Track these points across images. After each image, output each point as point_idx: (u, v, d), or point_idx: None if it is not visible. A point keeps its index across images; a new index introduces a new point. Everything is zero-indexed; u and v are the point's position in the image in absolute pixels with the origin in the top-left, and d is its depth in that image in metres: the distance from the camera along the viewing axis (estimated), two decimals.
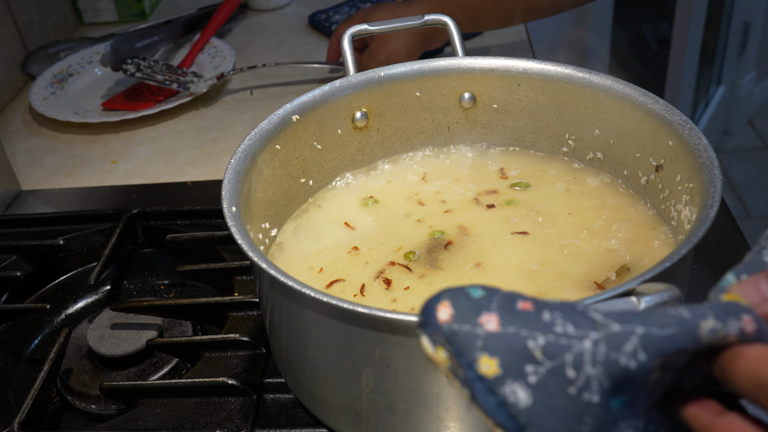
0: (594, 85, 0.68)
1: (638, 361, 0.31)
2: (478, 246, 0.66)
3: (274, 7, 1.45)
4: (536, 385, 0.31)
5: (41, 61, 1.26)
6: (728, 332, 0.31)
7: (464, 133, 0.78)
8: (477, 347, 0.31)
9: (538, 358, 0.31)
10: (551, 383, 0.31)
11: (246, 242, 0.53)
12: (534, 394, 0.31)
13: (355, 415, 0.55)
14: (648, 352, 0.31)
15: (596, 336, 0.31)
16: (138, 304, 0.72)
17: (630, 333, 0.31)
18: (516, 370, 0.31)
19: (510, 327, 0.32)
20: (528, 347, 0.31)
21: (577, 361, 0.31)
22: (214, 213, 0.84)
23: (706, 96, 2.66)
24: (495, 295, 0.33)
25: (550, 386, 0.31)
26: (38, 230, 0.86)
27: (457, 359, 0.31)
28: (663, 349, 0.31)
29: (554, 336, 0.31)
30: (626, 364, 0.31)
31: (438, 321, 0.32)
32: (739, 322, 0.31)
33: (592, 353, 0.31)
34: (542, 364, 0.31)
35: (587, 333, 0.32)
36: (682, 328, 0.31)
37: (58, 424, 0.68)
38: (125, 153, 1.04)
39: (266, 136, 0.66)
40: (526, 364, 0.31)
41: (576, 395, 0.31)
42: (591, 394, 0.31)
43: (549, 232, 0.66)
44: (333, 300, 0.47)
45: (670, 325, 0.31)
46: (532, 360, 0.31)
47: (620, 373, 0.31)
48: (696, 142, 0.58)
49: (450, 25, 0.75)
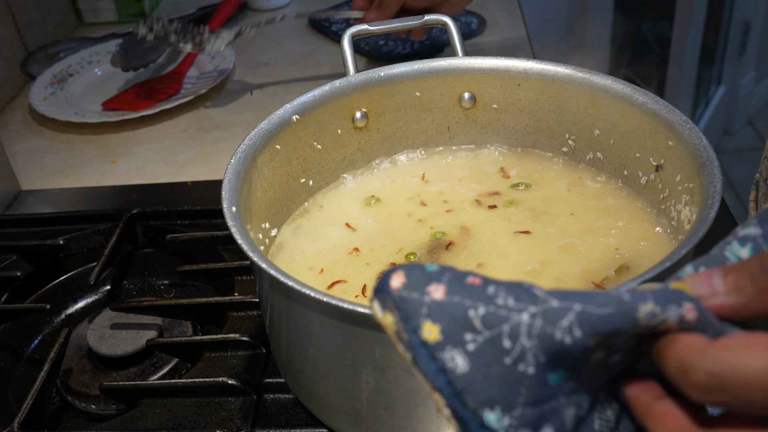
0: (594, 85, 0.68)
1: (573, 337, 0.32)
2: (479, 246, 0.66)
3: (274, 7, 1.45)
4: (474, 353, 0.32)
5: (41, 61, 1.26)
6: (667, 317, 0.32)
7: (464, 133, 0.78)
8: (422, 314, 0.33)
9: (477, 327, 0.32)
10: (488, 352, 0.32)
11: (246, 242, 0.53)
12: (471, 362, 0.32)
13: (355, 415, 0.55)
14: (583, 329, 0.32)
15: (534, 310, 0.32)
16: (138, 304, 0.72)
17: (567, 309, 0.32)
18: (456, 338, 0.32)
19: (455, 297, 0.33)
20: (468, 316, 0.33)
21: (513, 333, 0.32)
22: (214, 213, 0.84)
23: (706, 96, 2.66)
24: (448, 270, 0.34)
25: (486, 355, 0.32)
26: (38, 230, 0.86)
27: (404, 324, 0.33)
28: (599, 327, 0.32)
29: (495, 307, 0.33)
30: (561, 338, 0.32)
31: (390, 288, 0.33)
32: (680, 309, 0.32)
33: (528, 326, 0.32)
34: (480, 333, 0.32)
35: (526, 306, 0.32)
36: (619, 309, 0.32)
37: (58, 424, 0.68)
38: (125, 153, 1.04)
39: (266, 136, 0.66)
40: (465, 332, 0.32)
41: (511, 365, 0.32)
42: (526, 366, 0.32)
43: (550, 231, 0.66)
44: (333, 300, 0.47)
45: (608, 305, 0.32)
46: (472, 329, 0.32)
47: (555, 347, 0.32)
48: (696, 142, 0.58)
49: (450, 25, 0.75)
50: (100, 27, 1.43)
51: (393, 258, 0.65)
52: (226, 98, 1.16)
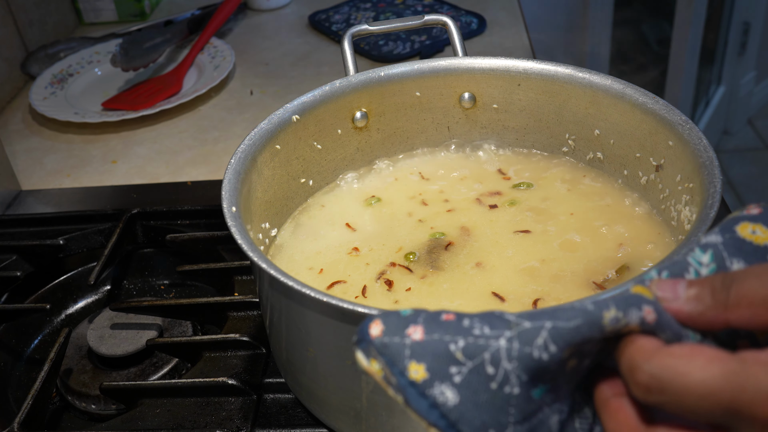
0: (594, 85, 0.68)
1: (549, 352, 0.34)
2: (479, 245, 0.66)
3: (274, 7, 1.45)
4: (461, 384, 0.34)
5: (41, 61, 1.26)
6: (629, 321, 0.34)
7: (464, 133, 0.78)
8: (405, 356, 0.34)
9: (460, 359, 0.34)
10: (474, 381, 0.34)
11: (246, 242, 0.53)
12: (460, 392, 0.34)
13: (355, 415, 0.55)
14: (557, 344, 0.34)
15: (510, 334, 0.34)
16: (138, 304, 0.72)
17: (540, 328, 0.34)
18: (442, 372, 0.34)
19: (434, 335, 0.34)
20: (450, 350, 0.34)
21: (494, 359, 0.34)
22: (214, 213, 0.84)
23: (706, 96, 2.66)
24: (422, 312, 0.36)
25: (473, 384, 0.34)
26: (38, 230, 0.86)
27: (390, 368, 0.34)
28: (570, 339, 0.34)
29: (473, 338, 0.34)
30: (539, 356, 0.34)
31: (370, 336, 0.35)
32: (640, 312, 0.34)
33: (507, 350, 0.34)
34: (464, 365, 0.34)
35: (502, 332, 0.34)
36: (586, 320, 0.34)
37: (58, 424, 0.68)
38: (125, 153, 1.04)
39: (266, 136, 0.66)
40: (450, 365, 0.34)
41: (497, 389, 0.34)
42: (511, 387, 0.34)
43: (550, 231, 0.67)
44: (333, 300, 0.47)
45: (576, 318, 0.34)
46: (455, 361, 0.34)
47: (535, 365, 0.34)
48: (696, 142, 0.58)
49: (450, 25, 0.75)
50: (100, 27, 1.43)
51: (393, 258, 0.65)
52: (226, 98, 1.16)
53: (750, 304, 0.34)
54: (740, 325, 0.34)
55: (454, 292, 0.61)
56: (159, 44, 1.22)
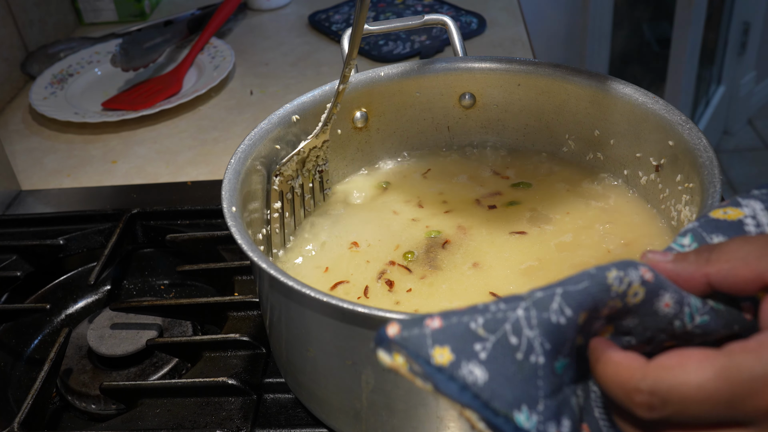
0: (594, 85, 0.68)
1: (566, 316, 0.35)
2: (476, 245, 0.66)
3: (274, 7, 1.45)
4: (487, 359, 0.34)
5: (41, 61, 1.26)
6: (631, 279, 0.36)
7: (464, 133, 0.78)
8: (428, 344, 0.34)
9: (482, 335, 0.34)
10: (500, 354, 0.34)
11: (246, 242, 0.53)
12: (488, 368, 0.34)
13: (355, 415, 0.55)
14: (571, 306, 0.35)
15: (525, 304, 0.35)
16: (138, 304, 0.72)
17: (552, 294, 0.35)
18: (467, 351, 0.34)
19: (452, 318, 0.35)
20: (471, 328, 0.34)
21: (516, 328, 0.34)
22: (214, 213, 0.84)
23: (706, 96, 2.66)
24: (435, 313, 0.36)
25: (499, 357, 0.34)
26: (38, 230, 0.86)
27: (414, 359, 0.34)
28: (582, 300, 0.35)
29: (491, 314, 0.35)
30: (557, 320, 0.35)
31: (389, 336, 0.35)
32: (638, 271, 0.36)
33: (526, 318, 0.35)
34: (487, 340, 0.34)
35: (518, 303, 0.35)
36: (593, 281, 0.35)
37: (58, 424, 0.68)
38: (125, 153, 1.04)
39: (266, 136, 0.66)
40: (474, 342, 0.34)
41: (524, 359, 0.34)
42: (536, 356, 0.34)
43: (549, 231, 0.67)
44: (333, 300, 0.47)
45: (583, 280, 0.35)
46: (478, 338, 0.34)
47: (554, 330, 0.35)
48: (696, 142, 0.58)
49: (450, 25, 0.75)
50: (100, 27, 1.43)
51: (392, 256, 0.65)
52: (226, 98, 1.16)
53: (728, 260, 0.36)
54: (719, 279, 0.36)
55: (454, 293, 0.61)
56: (159, 44, 1.23)
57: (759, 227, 0.39)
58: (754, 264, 0.35)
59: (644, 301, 0.36)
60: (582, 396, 0.37)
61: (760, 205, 0.40)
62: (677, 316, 0.36)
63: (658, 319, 0.37)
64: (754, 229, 0.39)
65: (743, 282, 0.35)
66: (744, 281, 0.35)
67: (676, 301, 0.36)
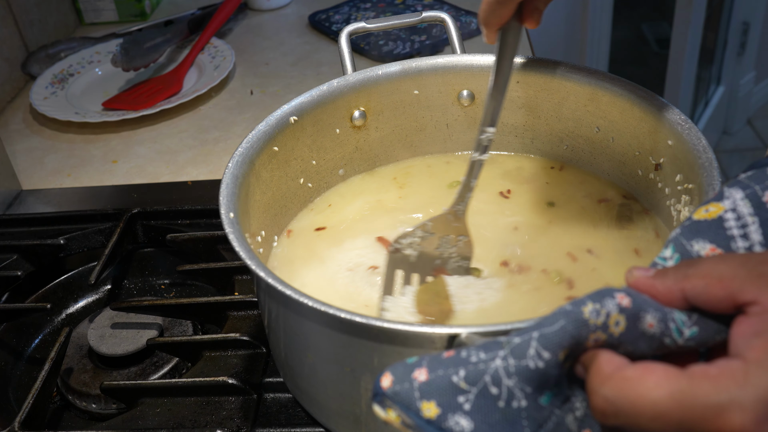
0: (593, 83, 0.68)
1: (544, 359, 0.36)
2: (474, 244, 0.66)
3: (274, 7, 1.45)
4: (471, 410, 0.36)
5: (42, 61, 1.26)
6: (608, 310, 0.36)
7: (463, 130, 0.78)
8: (416, 398, 0.36)
9: (464, 387, 0.36)
10: (483, 404, 0.36)
11: (243, 249, 0.52)
12: (473, 418, 0.36)
13: (354, 419, 0.55)
14: (548, 349, 0.36)
15: (503, 353, 0.36)
16: (138, 303, 0.72)
17: (529, 339, 0.36)
18: (452, 404, 0.36)
19: (438, 371, 0.37)
20: (454, 382, 0.36)
21: (495, 379, 0.36)
22: (214, 212, 0.84)
23: (705, 96, 2.66)
24: (425, 356, 0.38)
25: (482, 407, 0.36)
26: (39, 230, 0.87)
27: (405, 413, 0.36)
28: (559, 341, 0.36)
29: (472, 365, 0.36)
30: (535, 365, 0.36)
31: (382, 389, 0.37)
32: (615, 300, 0.36)
33: (504, 368, 0.36)
34: (469, 392, 0.36)
35: (496, 353, 0.36)
36: (568, 318, 0.36)
37: (59, 423, 0.68)
38: (125, 153, 1.04)
39: (263, 138, 0.65)
40: (457, 396, 0.36)
41: (506, 406, 0.36)
42: (518, 401, 0.36)
43: (547, 230, 0.67)
44: (331, 309, 0.47)
45: (558, 320, 0.36)
46: (461, 391, 0.36)
47: (534, 374, 0.36)
48: (695, 142, 0.58)
49: (448, 22, 0.75)
50: (100, 27, 1.43)
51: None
52: (226, 98, 1.16)
53: (703, 277, 0.36)
54: (694, 296, 0.36)
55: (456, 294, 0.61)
56: (159, 44, 1.23)
57: (739, 219, 0.39)
58: (727, 283, 0.35)
59: (628, 327, 0.36)
60: (581, 407, 0.38)
61: (740, 194, 0.40)
62: (665, 334, 0.37)
63: (647, 340, 0.37)
64: (734, 223, 0.39)
65: (716, 300, 0.35)
66: (717, 300, 0.35)
67: (659, 319, 0.36)
